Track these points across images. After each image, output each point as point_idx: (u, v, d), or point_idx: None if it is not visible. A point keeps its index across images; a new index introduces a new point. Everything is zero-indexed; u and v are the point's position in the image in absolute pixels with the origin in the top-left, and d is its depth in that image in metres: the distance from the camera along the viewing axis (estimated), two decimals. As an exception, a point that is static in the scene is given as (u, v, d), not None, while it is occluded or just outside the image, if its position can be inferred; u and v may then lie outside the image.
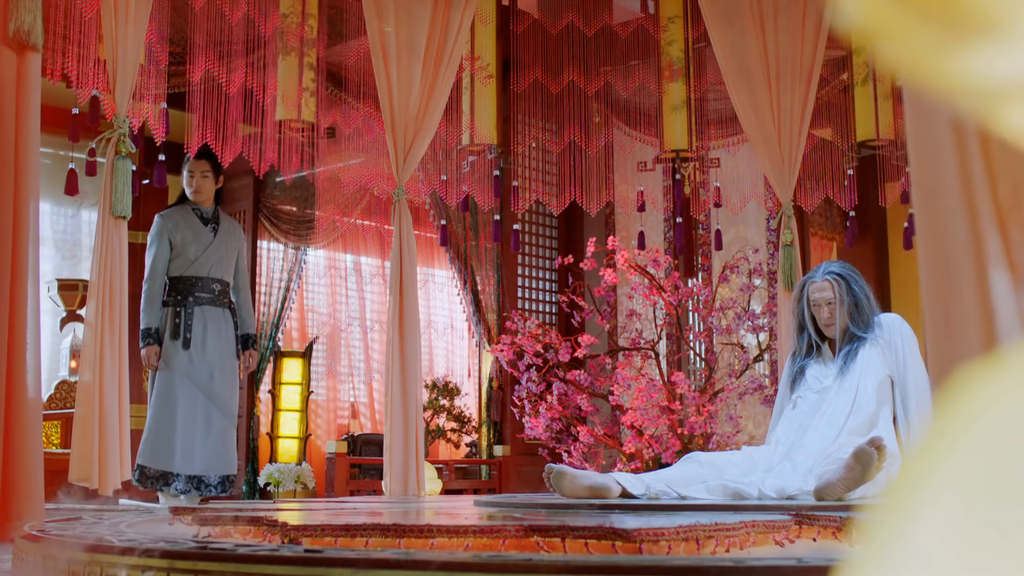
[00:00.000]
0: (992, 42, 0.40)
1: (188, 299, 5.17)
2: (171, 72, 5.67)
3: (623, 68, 6.71)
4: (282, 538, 1.90)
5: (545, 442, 5.88)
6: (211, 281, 5.27)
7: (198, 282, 5.23)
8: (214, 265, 5.29)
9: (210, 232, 5.33)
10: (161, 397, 5.05)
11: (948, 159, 1.24)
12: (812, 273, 3.77)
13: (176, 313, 5.14)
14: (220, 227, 5.37)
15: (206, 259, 5.26)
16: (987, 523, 0.37)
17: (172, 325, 5.13)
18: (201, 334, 5.15)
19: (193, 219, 5.31)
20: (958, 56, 0.41)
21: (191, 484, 5.01)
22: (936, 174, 1.26)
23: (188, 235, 5.25)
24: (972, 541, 0.37)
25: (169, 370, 5.07)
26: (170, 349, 5.09)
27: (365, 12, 5.38)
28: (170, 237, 5.24)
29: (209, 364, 5.15)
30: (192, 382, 5.08)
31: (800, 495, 3.19)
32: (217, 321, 5.24)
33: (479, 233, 7.90)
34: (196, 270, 5.23)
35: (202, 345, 5.14)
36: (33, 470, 3.44)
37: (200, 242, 5.27)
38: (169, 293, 5.20)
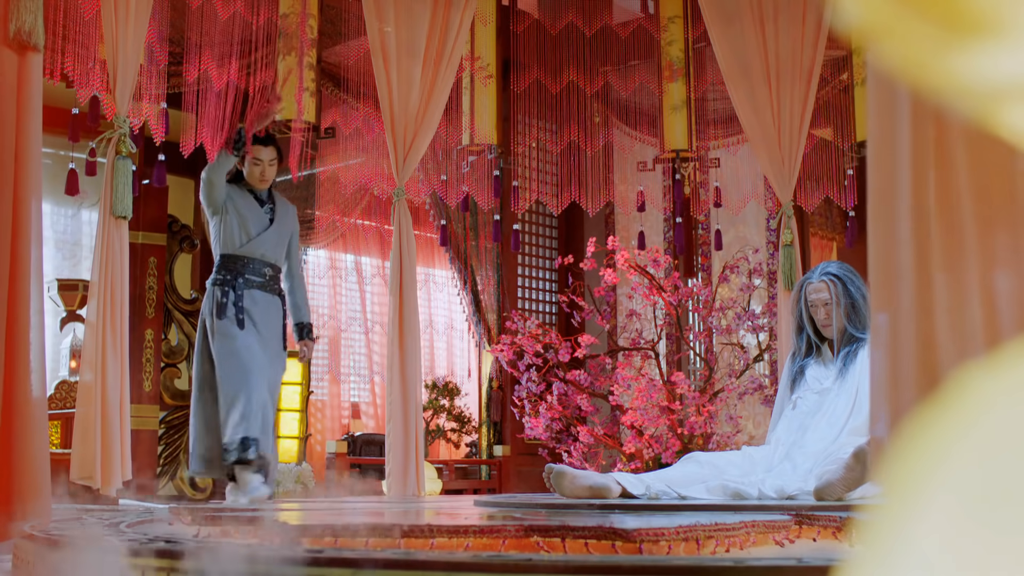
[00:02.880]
0: (992, 42, 0.40)
1: (239, 280, 4.84)
2: (171, 72, 5.67)
3: (623, 68, 6.71)
4: (282, 538, 1.90)
5: (545, 442, 5.88)
6: (263, 264, 4.94)
7: (249, 264, 4.90)
8: (268, 249, 4.96)
9: (267, 215, 5.01)
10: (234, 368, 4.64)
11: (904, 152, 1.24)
12: (810, 274, 3.77)
13: (224, 292, 4.79)
14: (276, 209, 5.06)
15: (261, 241, 4.93)
16: (985, 524, 0.37)
17: (219, 304, 4.77)
18: (250, 317, 4.80)
19: (250, 199, 4.99)
20: (958, 56, 0.41)
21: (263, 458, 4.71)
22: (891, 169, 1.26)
23: (245, 212, 4.92)
24: (970, 542, 0.37)
25: (232, 340, 4.70)
26: (223, 327, 4.72)
27: (365, 12, 5.38)
28: (228, 201, 4.89)
29: (265, 344, 4.81)
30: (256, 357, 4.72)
31: (800, 495, 3.19)
32: (267, 308, 4.90)
33: (479, 233, 7.90)
34: (249, 250, 4.90)
35: (255, 333, 4.78)
36: (39, 470, 3.44)
37: (256, 223, 4.95)
38: (218, 270, 4.87)
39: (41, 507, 3.39)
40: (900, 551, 0.38)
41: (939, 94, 0.42)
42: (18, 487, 3.38)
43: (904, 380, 1.20)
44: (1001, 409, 0.39)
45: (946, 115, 1.17)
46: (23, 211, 3.53)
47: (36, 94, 3.65)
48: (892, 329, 1.23)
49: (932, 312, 1.18)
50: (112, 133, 4.21)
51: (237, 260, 4.88)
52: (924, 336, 1.19)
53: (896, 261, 1.23)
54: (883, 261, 1.26)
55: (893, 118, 1.26)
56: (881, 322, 1.26)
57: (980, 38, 0.40)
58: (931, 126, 1.22)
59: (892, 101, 1.26)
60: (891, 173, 1.26)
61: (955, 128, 1.20)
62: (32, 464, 3.43)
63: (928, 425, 0.41)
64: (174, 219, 7.70)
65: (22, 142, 3.56)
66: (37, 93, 3.65)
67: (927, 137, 1.22)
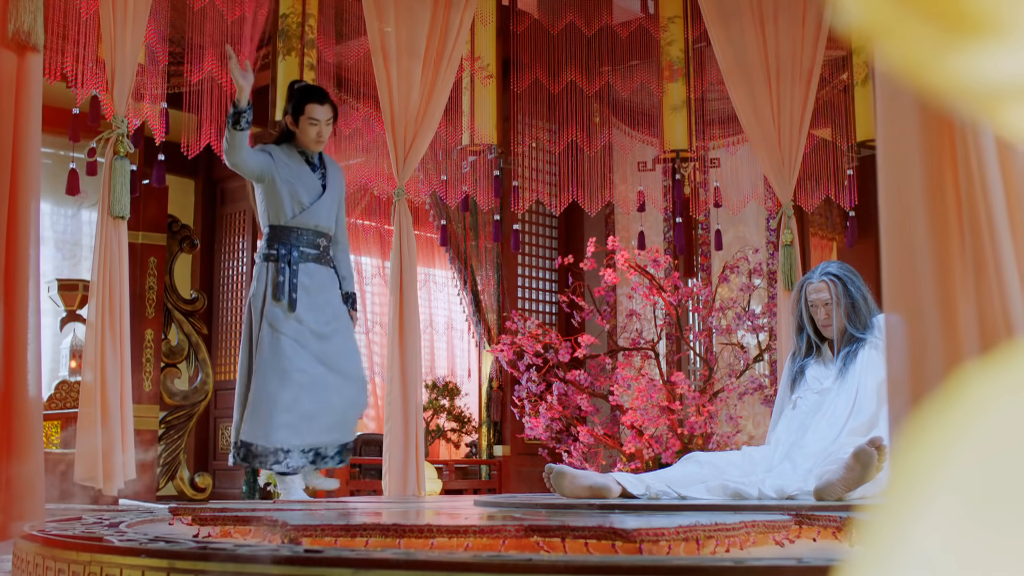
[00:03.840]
0: (992, 42, 0.40)
1: (292, 254, 4.51)
2: (171, 72, 5.67)
3: (623, 68, 6.71)
4: (282, 538, 1.90)
5: (545, 442, 5.88)
6: (316, 235, 4.60)
7: (302, 235, 4.55)
8: (322, 218, 4.62)
9: (319, 180, 4.66)
10: (272, 365, 4.41)
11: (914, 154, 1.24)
12: (810, 274, 3.77)
13: (280, 269, 4.47)
14: (328, 174, 4.72)
15: (314, 211, 4.58)
16: (986, 524, 0.37)
17: (275, 283, 4.45)
18: (305, 295, 4.50)
19: (301, 163, 4.64)
20: (958, 56, 0.41)
21: (306, 457, 4.47)
22: (903, 171, 1.26)
23: (295, 179, 4.58)
24: (972, 542, 0.37)
25: (278, 333, 4.43)
26: (275, 312, 4.44)
27: (365, 12, 5.38)
28: (274, 169, 4.54)
29: (320, 327, 4.52)
30: (304, 348, 4.46)
31: (800, 495, 3.19)
32: (324, 282, 4.60)
33: (479, 233, 7.90)
34: (302, 221, 4.55)
35: (309, 307, 4.50)
36: (34, 470, 3.44)
37: (308, 191, 4.60)
38: (269, 245, 4.54)
39: (35, 508, 3.39)
40: (900, 551, 0.38)
41: (940, 95, 0.42)
42: (16, 487, 3.38)
43: (926, 379, 1.20)
44: (1001, 409, 0.39)
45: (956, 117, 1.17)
46: (21, 211, 3.53)
47: (36, 94, 3.65)
48: (911, 329, 1.23)
49: (955, 311, 1.19)
50: (110, 133, 4.21)
51: (289, 232, 4.54)
52: (947, 335, 1.19)
53: (913, 262, 1.23)
54: (898, 262, 1.26)
55: (901, 121, 1.26)
56: (895, 322, 1.26)
57: (980, 38, 0.40)
58: (943, 128, 1.22)
59: (899, 104, 1.27)
60: (903, 175, 1.26)
61: (966, 130, 1.20)
62: (29, 464, 3.43)
63: (928, 425, 0.41)
64: (174, 219, 7.70)
65: (21, 142, 3.56)
66: (36, 93, 3.66)
67: (939, 139, 1.23)
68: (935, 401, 0.41)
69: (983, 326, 1.18)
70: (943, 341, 1.19)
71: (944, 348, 1.19)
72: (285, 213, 4.53)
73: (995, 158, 1.22)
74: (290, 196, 4.53)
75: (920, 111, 1.23)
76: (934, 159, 1.22)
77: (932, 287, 1.20)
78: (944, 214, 1.21)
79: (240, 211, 8.30)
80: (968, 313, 1.18)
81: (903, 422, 1.26)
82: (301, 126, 4.59)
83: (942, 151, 1.21)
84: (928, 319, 1.20)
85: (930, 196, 1.22)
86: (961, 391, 0.41)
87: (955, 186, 1.21)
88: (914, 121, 1.24)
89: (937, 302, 1.19)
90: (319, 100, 4.62)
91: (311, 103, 4.59)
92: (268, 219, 4.57)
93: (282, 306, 4.44)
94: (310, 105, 4.59)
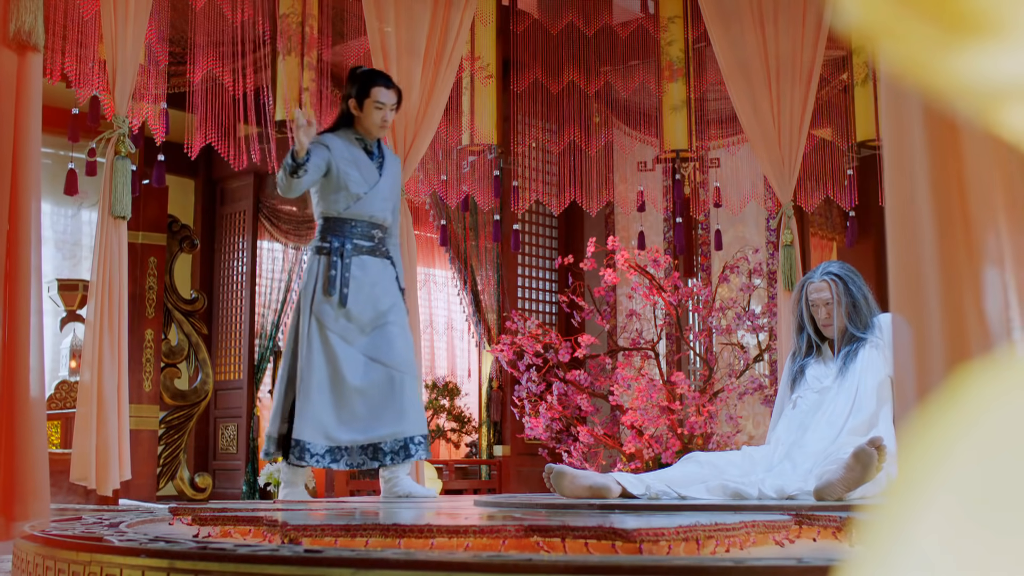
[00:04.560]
0: (992, 42, 0.40)
1: (346, 246, 4.37)
2: (171, 72, 5.68)
3: (623, 68, 6.71)
4: (282, 538, 1.90)
5: (545, 442, 5.88)
6: (371, 227, 4.46)
7: (357, 227, 4.42)
8: (377, 209, 4.47)
9: (376, 168, 4.52)
10: (319, 361, 4.30)
11: (920, 156, 1.24)
12: (811, 274, 3.77)
13: (332, 263, 4.35)
14: (385, 163, 4.57)
15: (369, 201, 4.44)
16: (986, 525, 0.37)
17: (327, 277, 4.33)
18: (357, 290, 4.37)
19: (358, 151, 4.50)
20: (958, 56, 0.41)
21: (366, 455, 4.32)
22: (909, 172, 1.26)
23: (352, 168, 4.43)
24: (971, 542, 0.37)
25: (326, 330, 4.31)
26: (323, 307, 4.32)
27: (365, 12, 5.38)
28: (332, 162, 4.40)
29: (370, 320, 4.38)
30: (350, 344, 4.33)
31: (800, 495, 3.19)
32: (378, 275, 4.46)
33: (479, 233, 7.91)
34: (357, 212, 4.42)
35: (360, 302, 4.37)
36: (37, 470, 3.44)
37: (365, 179, 4.45)
38: (322, 237, 4.42)
39: (40, 508, 3.39)
40: (900, 551, 0.38)
41: (941, 95, 0.42)
42: (18, 488, 3.38)
43: (932, 379, 1.20)
44: (1002, 409, 0.39)
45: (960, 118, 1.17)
46: (22, 211, 3.53)
47: (36, 94, 3.65)
48: (917, 330, 1.23)
49: (961, 311, 1.19)
50: (111, 133, 4.21)
51: (343, 223, 4.41)
52: (953, 336, 1.19)
53: (918, 262, 1.23)
54: (904, 262, 1.26)
55: (906, 121, 1.27)
56: (901, 323, 1.26)
57: (980, 38, 0.40)
58: (947, 128, 1.22)
59: (904, 104, 1.27)
60: (908, 175, 1.26)
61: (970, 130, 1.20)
62: (31, 464, 3.43)
63: (928, 425, 0.41)
64: (174, 219, 7.71)
65: (21, 142, 3.56)
66: (37, 93, 3.65)
67: (944, 140, 1.23)
68: (935, 401, 0.41)
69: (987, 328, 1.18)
70: (949, 342, 1.19)
71: (949, 349, 1.19)
72: (339, 203, 4.41)
73: (996, 159, 1.22)
74: (345, 185, 4.40)
75: (925, 111, 1.23)
76: (939, 159, 1.22)
77: (937, 287, 1.20)
78: (949, 214, 1.21)
79: (240, 211, 8.30)
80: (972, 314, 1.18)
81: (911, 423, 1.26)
82: (366, 110, 4.47)
83: (947, 151, 1.21)
84: (934, 320, 1.20)
85: (936, 196, 1.22)
86: (961, 391, 0.41)
87: (960, 186, 1.21)
88: (919, 121, 1.24)
89: (942, 302, 1.19)
90: (386, 84, 4.51)
91: (378, 86, 4.48)
92: (321, 210, 4.45)
93: (332, 301, 4.32)
94: (377, 88, 4.47)
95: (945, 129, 1.22)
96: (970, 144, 1.21)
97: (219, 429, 8.18)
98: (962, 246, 1.21)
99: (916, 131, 1.25)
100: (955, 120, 1.20)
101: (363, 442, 4.32)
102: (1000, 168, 1.21)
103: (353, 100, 4.50)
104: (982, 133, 1.20)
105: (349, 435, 4.30)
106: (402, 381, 4.40)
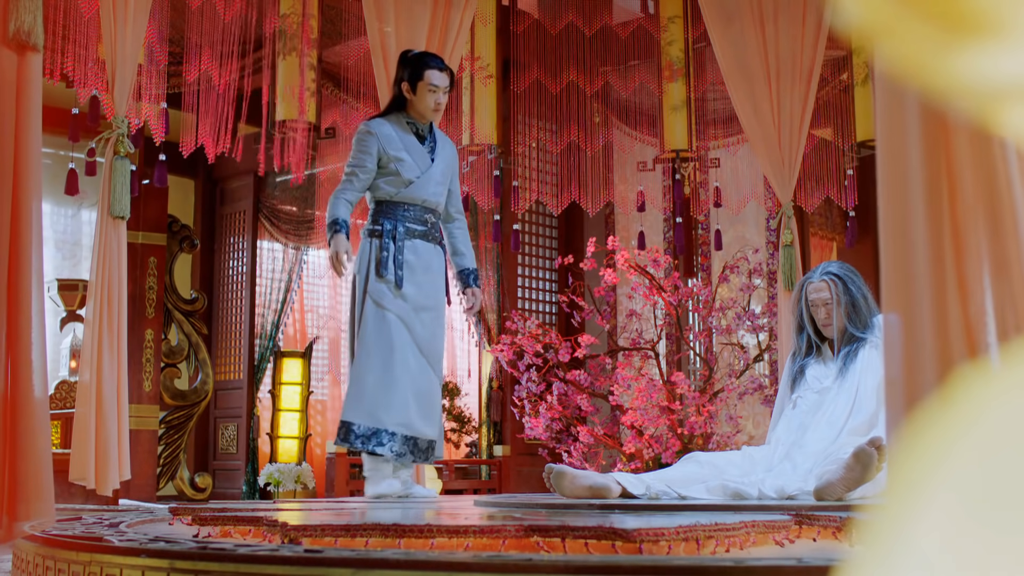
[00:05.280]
0: (992, 42, 0.40)
1: (398, 229, 4.31)
2: (171, 72, 5.68)
3: (623, 68, 6.71)
4: (282, 538, 1.90)
5: (545, 442, 5.88)
6: (424, 211, 4.39)
7: (409, 210, 4.35)
8: (430, 193, 4.40)
9: (427, 152, 4.44)
10: (376, 342, 4.21)
11: (915, 155, 1.24)
12: (811, 274, 3.77)
13: (384, 245, 4.28)
14: (437, 146, 4.49)
15: (422, 185, 4.37)
16: (986, 524, 0.37)
17: (379, 260, 4.26)
18: (410, 274, 4.30)
19: (409, 136, 4.42)
20: (958, 56, 0.41)
21: (407, 446, 4.25)
22: (903, 171, 1.26)
23: (403, 154, 4.37)
24: (971, 542, 0.37)
25: (383, 310, 4.23)
26: (379, 289, 4.24)
27: (365, 12, 5.38)
28: (381, 150, 4.34)
29: (424, 305, 4.33)
30: (407, 328, 4.26)
31: (800, 495, 3.19)
32: (430, 260, 4.39)
33: (479, 233, 7.90)
34: (409, 195, 4.35)
35: (416, 285, 4.30)
36: (41, 470, 3.44)
37: (417, 164, 4.38)
38: (374, 220, 4.35)
39: (44, 508, 3.39)
40: (900, 551, 0.38)
41: (940, 95, 0.42)
42: (22, 488, 3.38)
43: (922, 379, 1.20)
44: (1001, 409, 0.39)
45: (955, 119, 1.17)
46: (23, 211, 3.54)
47: (36, 94, 3.65)
48: (907, 330, 1.23)
49: (947, 312, 1.19)
50: (110, 133, 4.21)
51: (396, 207, 4.34)
52: (941, 337, 1.19)
53: (911, 263, 1.24)
54: (897, 263, 1.26)
55: (902, 122, 1.27)
56: (893, 322, 1.26)
57: (980, 38, 0.40)
58: (941, 130, 1.22)
59: (900, 105, 1.27)
60: (902, 177, 1.26)
61: (964, 131, 1.20)
62: (35, 465, 3.43)
63: (928, 424, 0.41)
64: (174, 219, 7.71)
65: (22, 142, 3.57)
66: (36, 93, 3.66)
67: (938, 141, 1.23)
68: (935, 401, 0.41)
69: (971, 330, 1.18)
70: (938, 343, 1.19)
71: (938, 350, 1.19)
72: (391, 187, 4.35)
73: (994, 159, 1.22)
74: (397, 172, 4.34)
75: (919, 111, 1.23)
76: (932, 160, 1.22)
77: (928, 288, 1.20)
78: (940, 215, 1.21)
79: (240, 211, 8.31)
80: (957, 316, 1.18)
81: (900, 422, 1.26)
82: (419, 93, 4.39)
83: (940, 152, 1.22)
84: (924, 320, 1.21)
85: (928, 197, 1.22)
86: (961, 391, 0.41)
87: (952, 187, 1.21)
88: (913, 122, 1.24)
89: (932, 303, 1.20)
90: (439, 66, 4.44)
91: (431, 69, 4.41)
92: (374, 193, 4.39)
93: (387, 283, 4.25)
94: (431, 71, 4.40)
95: (939, 131, 1.22)
96: (960, 146, 1.21)
97: (219, 429, 8.18)
98: (950, 248, 1.21)
99: (911, 133, 1.25)
100: (948, 122, 1.20)
101: (407, 433, 4.24)
102: (987, 171, 1.21)
103: (406, 83, 4.42)
104: (973, 135, 1.20)
105: (398, 421, 4.22)
106: (437, 381, 4.39)
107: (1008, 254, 1.18)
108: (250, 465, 7.87)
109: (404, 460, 4.27)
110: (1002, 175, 1.21)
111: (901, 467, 0.41)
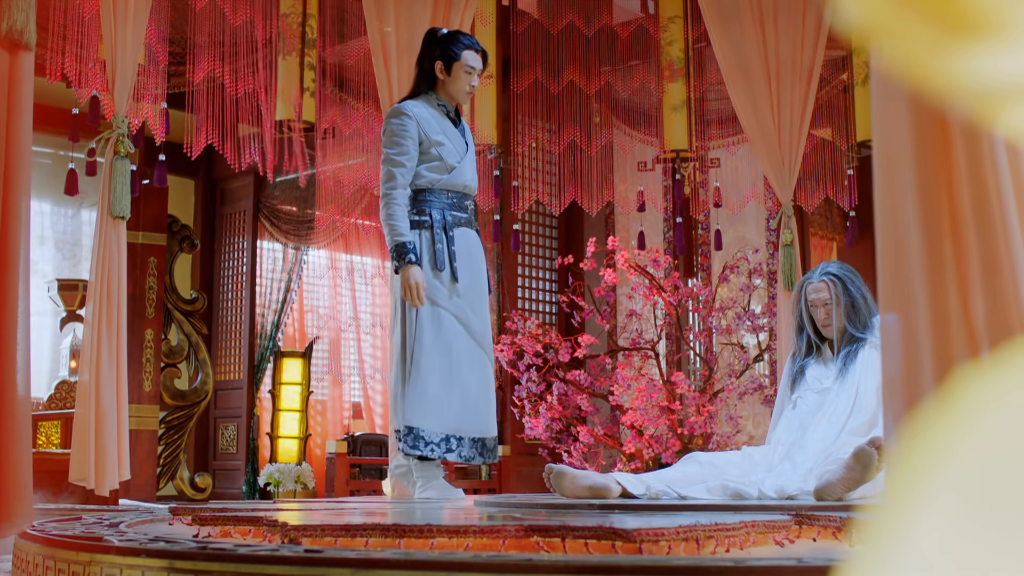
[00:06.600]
0: (992, 42, 0.40)
1: (446, 218, 4.08)
2: (171, 72, 5.68)
3: (623, 68, 6.71)
4: (282, 538, 1.90)
5: (545, 442, 5.88)
6: (464, 197, 4.16)
7: (451, 198, 4.13)
8: (469, 178, 4.18)
9: (461, 136, 4.21)
10: (435, 344, 4.00)
11: (912, 155, 1.24)
12: (810, 274, 3.77)
13: (435, 239, 4.04)
14: (465, 130, 4.29)
15: (462, 170, 4.14)
16: (986, 524, 0.37)
17: (432, 252, 4.03)
18: (461, 264, 4.10)
19: (443, 119, 4.17)
20: (958, 56, 0.41)
21: (475, 449, 4.08)
22: (898, 172, 1.26)
23: (442, 138, 4.12)
24: (971, 542, 0.37)
25: (439, 308, 4.01)
26: (433, 285, 4.02)
27: (365, 12, 5.38)
28: (422, 134, 4.08)
29: (477, 296, 4.16)
30: (463, 324, 4.07)
31: (800, 495, 3.19)
32: (474, 248, 4.21)
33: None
34: (451, 182, 4.12)
35: (468, 276, 4.11)
36: (22, 471, 3.42)
37: (455, 150, 4.14)
38: (418, 210, 4.07)
39: (24, 509, 3.37)
40: (900, 551, 0.38)
41: (939, 95, 0.42)
42: (7, 488, 3.36)
43: (920, 379, 1.20)
44: (1001, 409, 0.39)
45: (949, 119, 1.17)
46: (13, 210, 3.52)
47: (27, 93, 3.63)
48: (905, 330, 1.23)
49: (946, 312, 1.19)
50: (110, 133, 4.21)
51: (440, 195, 4.10)
52: (938, 336, 1.19)
53: (908, 263, 1.24)
54: (894, 263, 1.26)
55: (897, 122, 1.27)
56: (890, 322, 1.26)
57: (980, 38, 0.40)
58: (936, 130, 1.22)
59: (896, 105, 1.27)
60: (897, 176, 1.26)
61: (958, 131, 1.21)
62: (17, 465, 3.42)
63: (928, 424, 0.41)
64: (174, 219, 7.71)
65: (13, 141, 3.55)
66: (28, 92, 3.64)
67: (933, 141, 1.23)
68: (934, 400, 0.41)
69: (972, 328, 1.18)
70: (936, 342, 1.19)
71: (937, 349, 1.19)
72: (433, 175, 4.10)
73: (992, 159, 1.22)
74: (440, 157, 4.10)
75: (915, 112, 1.23)
76: (928, 160, 1.22)
77: (924, 287, 1.20)
78: (937, 215, 1.21)
79: (240, 211, 8.31)
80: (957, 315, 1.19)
81: (898, 422, 1.26)
82: (455, 74, 4.15)
83: (936, 152, 1.22)
84: (921, 320, 1.21)
85: (923, 197, 1.22)
86: (961, 391, 0.41)
87: (948, 187, 1.21)
88: (909, 122, 1.24)
89: (929, 303, 1.20)
90: (476, 47, 4.24)
91: (469, 49, 4.19)
92: (415, 180, 4.10)
93: (441, 277, 4.03)
94: (468, 52, 4.18)
95: (937, 131, 1.22)
96: (959, 146, 1.21)
97: (219, 429, 8.18)
98: (949, 247, 1.21)
99: (908, 132, 1.25)
100: (944, 121, 1.20)
101: (474, 435, 4.08)
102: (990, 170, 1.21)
103: (440, 63, 4.17)
104: (972, 134, 1.20)
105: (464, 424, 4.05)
106: (491, 367, 4.22)
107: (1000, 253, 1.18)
108: (250, 465, 7.87)
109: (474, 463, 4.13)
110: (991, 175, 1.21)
111: (901, 467, 0.41)
